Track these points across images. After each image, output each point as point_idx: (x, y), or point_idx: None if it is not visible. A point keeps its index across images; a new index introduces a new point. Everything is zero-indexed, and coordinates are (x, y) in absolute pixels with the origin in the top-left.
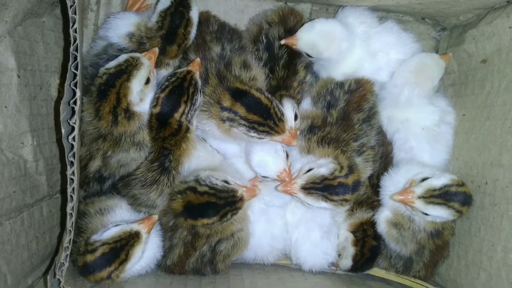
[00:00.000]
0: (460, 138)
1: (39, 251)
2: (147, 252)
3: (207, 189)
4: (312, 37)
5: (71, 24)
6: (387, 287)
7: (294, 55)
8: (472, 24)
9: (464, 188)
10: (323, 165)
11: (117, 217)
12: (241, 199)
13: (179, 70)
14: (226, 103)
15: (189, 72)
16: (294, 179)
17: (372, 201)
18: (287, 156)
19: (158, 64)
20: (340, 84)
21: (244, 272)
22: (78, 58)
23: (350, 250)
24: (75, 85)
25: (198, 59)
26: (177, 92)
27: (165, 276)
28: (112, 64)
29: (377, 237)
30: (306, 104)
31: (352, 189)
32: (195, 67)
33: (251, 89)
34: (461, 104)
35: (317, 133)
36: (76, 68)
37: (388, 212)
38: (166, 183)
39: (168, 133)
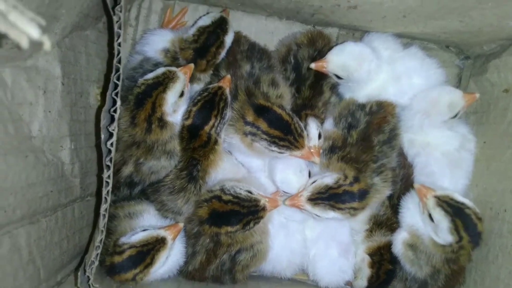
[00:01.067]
0: (480, 165)
1: (69, 249)
2: (171, 258)
3: (231, 198)
4: (343, 59)
5: (116, 38)
6: None
7: (320, 76)
8: (496, 54)
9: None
10: (327, 176)
11: (145, 222)
12: (264, 208)
13: (210, 86)
14: (250, 118)
15: (220, 88)
16: (301, 192)
17: (392, 222)
18: (309, 174)
19: (190, 79)
20: (362, 106)
21: (262, 284)
22: (121, 70)
23: (366, 272)
24: (116, 94)
25: (228, 76)
26: (208, 106)
27: (186, 282)
28: (150, 75)
29: (394, 261)
30: (329, 124)
31: (358, 196)
32: (226, 83)
33: (273, 106)
34: (483, 131)
35: (338, 153)
36: (118, 79)
37: (405, 233)
38: (193, 191)
39: (198, 144)
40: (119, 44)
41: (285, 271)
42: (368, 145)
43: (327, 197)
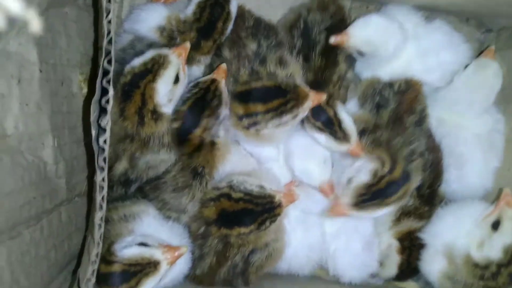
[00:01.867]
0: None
1: (58, 260)
2: (175, 267)
3: (242, 195)
4: (368, 33)
5: (105, 15)
6: None
7: None
8: None
9: None
10: (361, 169)
11: (143, 225)
12: (280, 205)
13: (202, 79)
14: (240, 111)
15: (213, 81)
16: (339, 199)
17: (421, 212)
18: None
19: (189, 61)
20: (389, 85)
21: (279, 284)
22: (112, 53)
23: (395, 259)
24: (109, 82)
25: (224, 65)
26: (199, 105)
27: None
28: (137, 62)
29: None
30: (353, 105)
31: (402, 180)
32: (221, 75)
33: (251, 84)
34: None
35: (368, 136)
36: (110, 63)
37: (442, 260)
38: (199, 188)
39: (189, 151)
40: (109, 22)
41: (303, 268)
42: (400, 127)
43: (371, 197)
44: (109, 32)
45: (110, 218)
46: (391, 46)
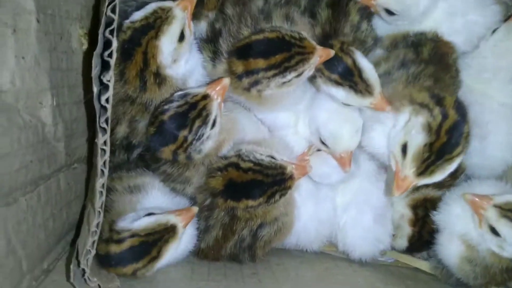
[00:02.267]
0: None
1: (56, 229)
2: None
3: (252, 165)
4: None
5: None
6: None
7: None
8: None
9: None
10: (410, 129)
11: (149, 198)
12: (291, 177)
13: (193, 91)
14: (239, 68)
15: (205, 97)
16: (400, 172)
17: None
18: None
19: (195, 15)
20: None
21: (286, 261)
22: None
23: (406, 230)
24: (112, 32)
25: (226, 80)
26: (178, 120)
27: (200, 264)
28: (138, 16)
29: None
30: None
31: (462, 120)
32: (219, 92)
33: (251, 37)
34: None
35: (411, 68)
36: (114, 11)
37: (460, 245)
38: (203, 162)
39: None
40: None
41: (312, 244)
42: (445, 64)
43: (437, 156)
44: None
45: (113, 187)
46: (422, 5)
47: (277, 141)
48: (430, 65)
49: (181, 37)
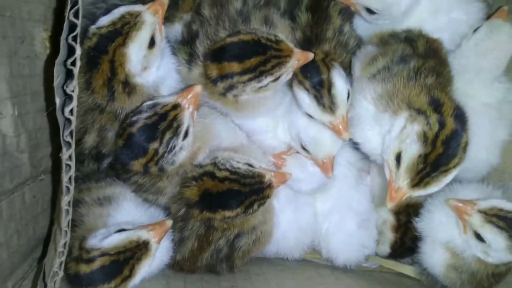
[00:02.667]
0: None
1: (20, 246)
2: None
3: (228, 174)
4: None
5: None
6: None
7: None
8: None
9: None
10: (405, 138)
11: (121, 211)
12: (270, 185)
13: (163, 101)
14: (213, 72)
15: (176, 107)
16: (394, 183)
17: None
18: None
19: (169, 18)
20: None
21: (266, 270)
22: (80, 3)
23: (389, 236)
24: (75, 39)
25: (198, 88)
26: (147, 132)
27: (176, 277)
28: (104, 21)
29: None
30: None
31: (460, 130)
32: (190, 100)
33: (225, 40)
34: None
35: (412, 63)
36: (77, 16)
37: (444, 252)
38: (177, 171)
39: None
40: None
41: (293, 251)
42: (441, 58)
43: (432, 168)
44: None
45: (82, 200)
46: (404, 4)
47: (255, 147)
48: (428, 59)
49: (152, 43)
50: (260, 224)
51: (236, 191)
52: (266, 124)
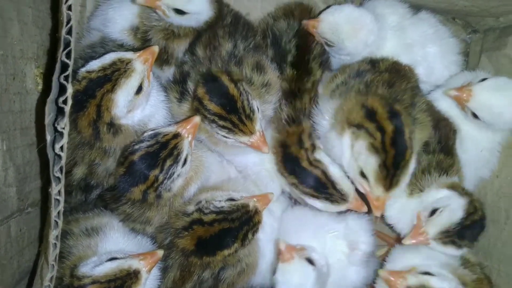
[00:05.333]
0: (502, 154)
1: (3, 281)
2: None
3: (215, 216)
4: (337, 20)
5: (64, 0)
6: None
7: (304, 50)
8: None
9: None
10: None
11: (108, 241)
12: (256, 211)
13: (164, 130)
14: (198, 90)
15: (176, 136)
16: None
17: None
18: None
19: (168, 61)
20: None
21: None
22: (72, 44)
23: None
24: (66, 78)
25: (198, 119)
26: (149, 160)
27: None
28: (95, 65)
29: None
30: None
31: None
32: (190, 130)
33: (222, 75)
34: None
35: (366, 76)
36: (69, 57)
37: None
38: (166, 204)
39: (132, 199)
40: (69, 8)
41: None
42: (403, 75)
43: (393, 169)
44: (69, 20)
45: (70, 231)
46: (359, 41)
47: (241, 177)
48: (386, 73)
49: (139, 89)
50: (245, 256)
51: (228, 229)
52: (254, 158)
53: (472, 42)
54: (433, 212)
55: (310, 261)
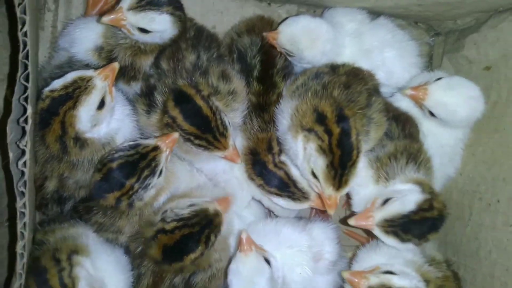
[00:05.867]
0: (465, 152)
1: None
2: None
3: (175, 224)
4: (294, 32)
5: (19, 27)
6: None
7: (268, 64)
8: (472, 28)
9: None
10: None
11: None
12: (217, 214)
13: (144, 142)
14: (169, 105)
15: (155, 148)
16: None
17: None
18: None
19: (135, 77)
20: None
21: None
22: (29, 68)
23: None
24: (26, 100)
25: (176, 135)
26: (127, 169)
27: None
28: (57, 84)
29: None
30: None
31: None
32: (169, 145)
33: (195, 95)
34: None
35: (323, 79)
36: (27, 80)
37: None
38: (136, 213)
39: (104, 207)
40: (25, 34)
41: None
42: (362, 78)
43: (341, 169)
44: (25, 46)
45: (46, 241)
46: (316, 51)
47: (211, 184)
48: (343, 76)
49: (101, 105)
50: (216, 262)
51: (189, 234)
52: (223, 166)
53: (435, 45)
54: (387, 200)
55: (267, 261)
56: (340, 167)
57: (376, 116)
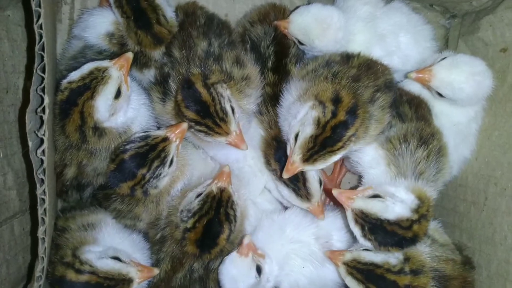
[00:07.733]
0: (480, 136)
1: (10, 275)
2: None
3: (193, 219)
4: (305, 21)
5: (35, 20)
6: None
7: (282, 53)
8: (488, 9)
9: None
10: (304, 121)
11: (103, 235)
12: (222, 190)
13: (154, 133)
14: (178, 96)
15: (165, 139)
16: (290, 158)
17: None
18: None
19: (147, 64)
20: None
21: None
22: (45, 59)
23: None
24: (43, 90)
25: (185, 125)
26: (138, 159)
27: None
28: (75, 76)
29: None
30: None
31: (350, 120)
32: (178, 135)
33: (197, 82)
34: None
35: (334, 68)
36: (44, 71)
37: None
38: (153, 200)
39: (121, 195)
40: (40, 27)
41: None
42: (373, 71)
43: (320, 148)
44: (41, 37)
45: (67, 227)
46: (328, 39)
47: (236, 173)
48: (354, 69)
49: (118, 94)
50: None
51: (208, 222)
52: (236, 154)
53: (451, 28)
54: (377, 196)
55: (258, 269)
56: (320, 145)
57: (378, 113)
